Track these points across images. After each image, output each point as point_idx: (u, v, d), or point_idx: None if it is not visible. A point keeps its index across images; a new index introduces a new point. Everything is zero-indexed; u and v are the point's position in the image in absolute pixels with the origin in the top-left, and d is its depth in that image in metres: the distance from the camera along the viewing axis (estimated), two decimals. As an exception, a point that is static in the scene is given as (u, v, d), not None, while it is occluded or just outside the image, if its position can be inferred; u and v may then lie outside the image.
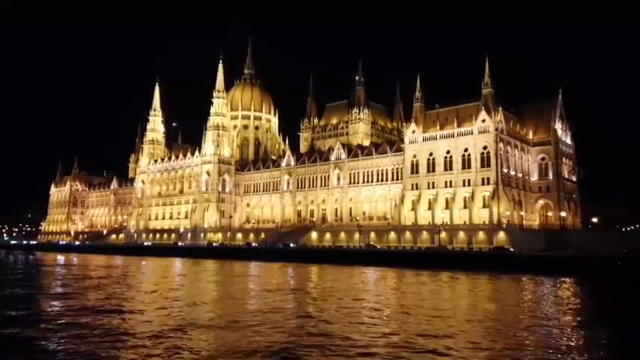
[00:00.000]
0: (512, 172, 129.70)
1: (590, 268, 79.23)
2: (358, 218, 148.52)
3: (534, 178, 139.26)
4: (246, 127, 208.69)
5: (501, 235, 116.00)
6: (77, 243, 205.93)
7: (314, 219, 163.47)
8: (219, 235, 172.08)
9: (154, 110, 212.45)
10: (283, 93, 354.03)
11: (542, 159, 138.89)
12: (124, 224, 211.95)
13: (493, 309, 47.43)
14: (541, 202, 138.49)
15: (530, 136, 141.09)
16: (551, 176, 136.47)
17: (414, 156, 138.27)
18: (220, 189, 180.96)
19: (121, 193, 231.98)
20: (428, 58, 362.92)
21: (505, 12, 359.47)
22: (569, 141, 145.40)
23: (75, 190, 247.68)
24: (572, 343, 33.30)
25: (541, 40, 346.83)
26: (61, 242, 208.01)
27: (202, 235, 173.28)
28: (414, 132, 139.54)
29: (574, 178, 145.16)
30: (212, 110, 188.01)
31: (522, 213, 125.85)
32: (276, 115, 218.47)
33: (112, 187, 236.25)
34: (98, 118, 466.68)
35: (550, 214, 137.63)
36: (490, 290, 63.61)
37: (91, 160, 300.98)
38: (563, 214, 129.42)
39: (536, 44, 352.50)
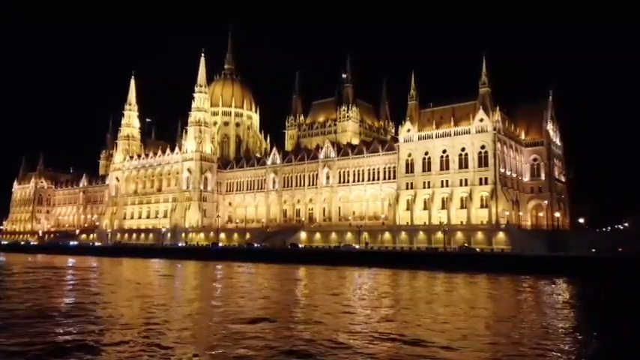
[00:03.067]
0: (508, 172, 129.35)
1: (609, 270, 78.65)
2: (350, 218, 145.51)
3: (526, 178, 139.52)
4: (226, 123, 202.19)
5: (500, 235, 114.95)
6: (73, 243, 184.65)
7: (301, 219, 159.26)
8: (202, 235, 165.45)
9: (130, 105, 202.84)
10: (262, 91, 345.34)
11: (535, 160, 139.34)
12: (97, 223, 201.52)
13: (492, 310, 46.56)
14: (533, 202, 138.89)
15: (523, 136, 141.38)
16: (543, 177, 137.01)
17: (409, 155, 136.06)
18: (202, 187, 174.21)
19: (91, 191, 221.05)
20: (415, 57, 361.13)
21: (493, 12, 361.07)
22: (558, 142, 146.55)
23: (40, 188, 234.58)
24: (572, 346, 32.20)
25: (529, 40, 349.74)
26: (71, 244, 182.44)
27: (183, 235, 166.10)
28: (409, 130, 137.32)
29: (563, 179, 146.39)
30: (193, 105, 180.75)
31: (521, 213, 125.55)
32: (257, 113, 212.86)
33: (81, 185, 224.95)
34: (64, 112, 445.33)
35: (541, 214, 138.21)
36: (489, 291, 61.98)
37: (57, 156, 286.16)
38: (557, 214, 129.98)
39: (524, 44, 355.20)
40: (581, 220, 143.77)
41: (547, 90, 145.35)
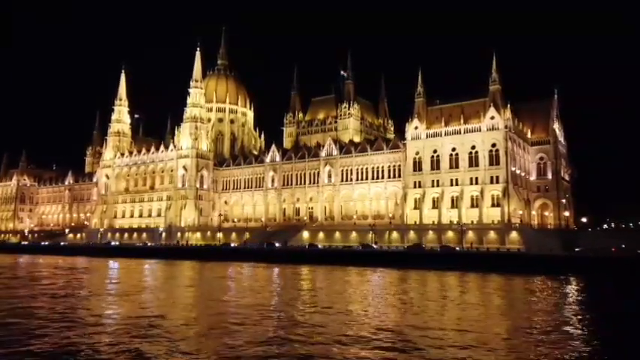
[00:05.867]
0: (518, 171, 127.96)
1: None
2: (353, 217, 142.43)
3: (533, 177, 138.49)
4: (220, 120, 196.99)
5: (514, 235, 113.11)
6: (114, 243, 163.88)
7: (303, 217, 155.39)
8: (198, 234, 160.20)
9: (120, 100, 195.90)
10: (256, 88, 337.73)
11: (541, 158, 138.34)
12: (86, 222, 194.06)
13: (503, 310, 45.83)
14: (539, 201, 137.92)
15: (529, 135, 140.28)
16: (549, 176, 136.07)
17: (417, 153, 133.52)
18: (198, 185, 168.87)
19: (77, 189, 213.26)
20: (411, 55, 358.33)
21: (494, 11, 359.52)
22: (563, 141, 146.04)
23: (22, 185, 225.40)
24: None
25: (531, 40, 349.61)
26: (113, 243, 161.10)
27: (179, 234, 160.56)
28: (416, 128, 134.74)
29: (568, 178, 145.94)
30: (189, 101, 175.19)
31: (533, 212, 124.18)
32: (252, 110, 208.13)
33: (66, 182, 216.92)
34: (46, 108, 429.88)
35: (546, 213, 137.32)
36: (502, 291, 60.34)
37: (39, 153, 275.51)
38: (566, 213, 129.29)
39: (526, 43, 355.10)
40: (584, 220, 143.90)
41: (552, 89, 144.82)
